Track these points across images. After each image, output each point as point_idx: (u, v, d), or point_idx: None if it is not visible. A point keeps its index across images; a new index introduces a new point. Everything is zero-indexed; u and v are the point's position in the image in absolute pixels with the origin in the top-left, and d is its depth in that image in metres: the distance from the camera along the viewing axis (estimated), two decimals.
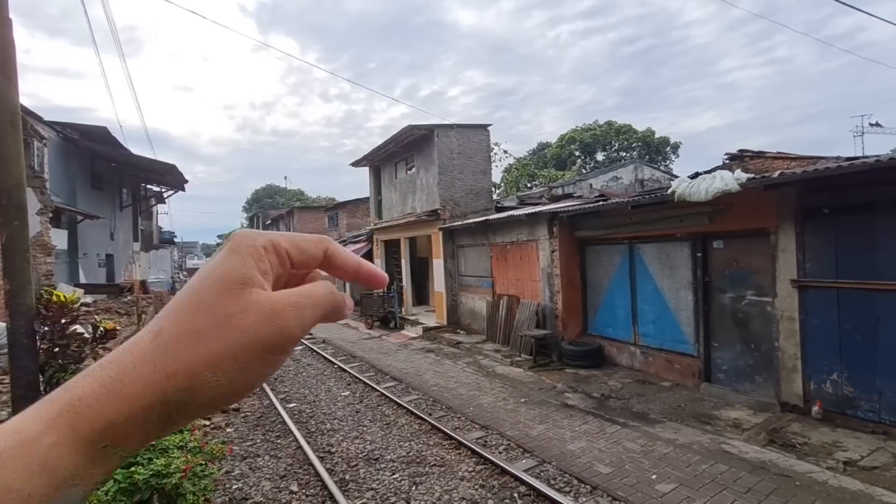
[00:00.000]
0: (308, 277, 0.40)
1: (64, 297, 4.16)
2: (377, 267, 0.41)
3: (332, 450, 5.81)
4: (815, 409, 5.89)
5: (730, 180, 6.17)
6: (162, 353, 0.32)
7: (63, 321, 4.08)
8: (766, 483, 4.50)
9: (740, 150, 9.46)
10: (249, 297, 0.34)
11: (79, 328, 4.35)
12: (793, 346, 6.19)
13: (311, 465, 5.29)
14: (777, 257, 6.36)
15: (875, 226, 5.51)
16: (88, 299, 9.28)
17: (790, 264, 6.21)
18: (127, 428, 0.31)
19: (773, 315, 6.46)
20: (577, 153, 38.45)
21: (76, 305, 4.36)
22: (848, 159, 6.68)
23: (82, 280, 12.79)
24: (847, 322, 5.75)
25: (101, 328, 4.51)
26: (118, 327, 5.82)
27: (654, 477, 4.75)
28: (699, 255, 7.48)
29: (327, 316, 0.37)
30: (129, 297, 11.39)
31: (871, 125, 25.33)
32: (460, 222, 13.27)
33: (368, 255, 19.36)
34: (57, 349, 4.05)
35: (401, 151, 15.93)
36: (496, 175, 31.21)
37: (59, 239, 11.15)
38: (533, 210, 10.92)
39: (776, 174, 5.98)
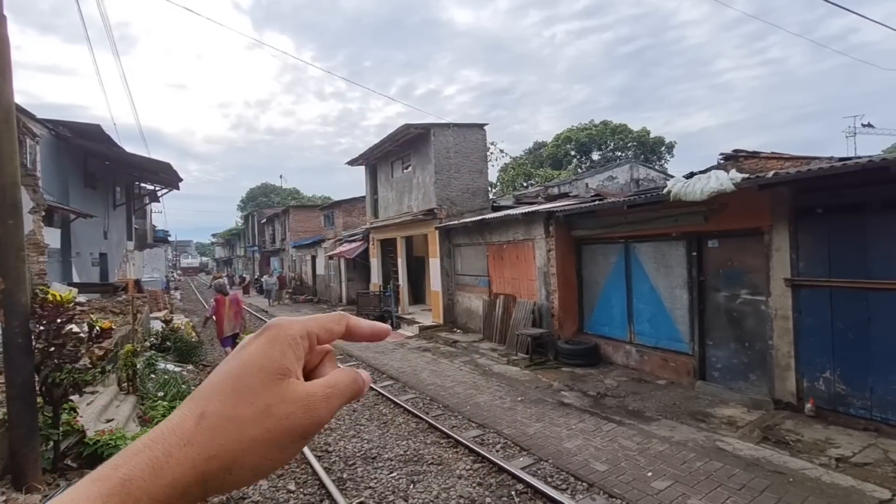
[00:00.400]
0: (326, 354, 0.44)
1: (60, 296, 4.13)
2: (383, 324, 0.47)
3: (330, 448, 5.81)
4: (809, 406, 5.96)
5: (725, 180, 6.22)
6: (206, 436, 0.35)
7: (59, 320, 4.04)
8: (760, 480, 4.56)
9: (735, 151, 9.53)
10: (287, 388, 0.37)
11: (74, 327, 4.32)
12: (786, 345, 6.26)
13: (309, 463, 5.29)
14: (771, 256, 6.42)
15: (867, 225, 5.57)
16: (82, 298, 9.21)
17: (784, 263, 6.27)
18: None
19: (767, 314, 6.52)
20: (572, 153, 38.55)
21: (72, 305, 4.33)
22: (841, 160, 6.76)
23: (76, 279, 12.68)
24: (839, 320, 5.82)
25: (97, 327, 4.48)
26: (114, 326, 5.78)
27: (649, 474, 4.79)
28: (694, 254, 7.54)
29: (351, 399, 0.41)
30: (123, 297, 11.31)
31: (864, 126, 25.61)
32: (457, 221, 13.28)
33: (364, 254, 19.33)
34: (53, 349, 4.01)
35: (397, 150, 15.92)
36: (492, 174, 31.22)
37: (52, 238, 11.04)
38: (529, 209, 10.95)
39: (770, 174, 6.04)
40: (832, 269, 5.87)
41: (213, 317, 8.88)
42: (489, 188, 17.46)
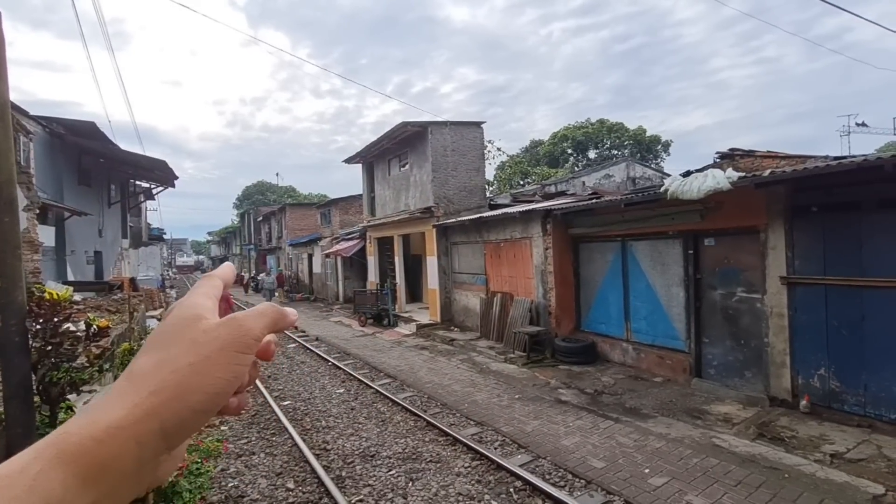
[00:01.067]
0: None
1: (56, 294, 4.10)
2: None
3: (328, 447, 5.81)
4: (804, 403, 6.01)
5: (721, 179, 6.25)
6: (140, 379, 0.37)
7: (55, 319, 4.02)
8: (756, 476, 4.60)
9: (731, 149, 9.58)
10: (207, 323, 0.41)
11: (71, 326, 4.29)
12: (782, 342, 6.31)
13: (307, 462, 5.29)
14: (767, 254, 6.47)
15: (861, 224, 5.62)
16: (78, 297, 9.15)
17: (779, 261, 6.32)
18: (115, 447, 0.34)
19: (762, 311, 6.57)
20: (569, 151, 38.61)
21: (68, 303, 4.30)
22: (836, 158, 6.80)
23: (70, 277, 12.59)
24: (834, 318, 5.87)
25: (95, 326, 4.46)
26: (110, 325, 5.75)
27: (646, 471, 4.82)
28: (691, 252, 7.58)
29: (276, 322, 0.44)
30: (119, 295, 11.25)
31: (858, 125, 25.79)
32: (454, 219, 13.28)
33: (362, 253, 19.30)
34: (50, 347, 3.99)
35: (394, 148, 15.88)
36: (489, 172, 31.22)
37: (46, 236, 10.95)
38: (527, 207, 10.96)
39: (766, 173, 6.08)
40: (827, 267, 5.92)
41: None
42: (486, 186, 17.46)
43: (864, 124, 26.14)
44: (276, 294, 24.80)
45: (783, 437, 5.42)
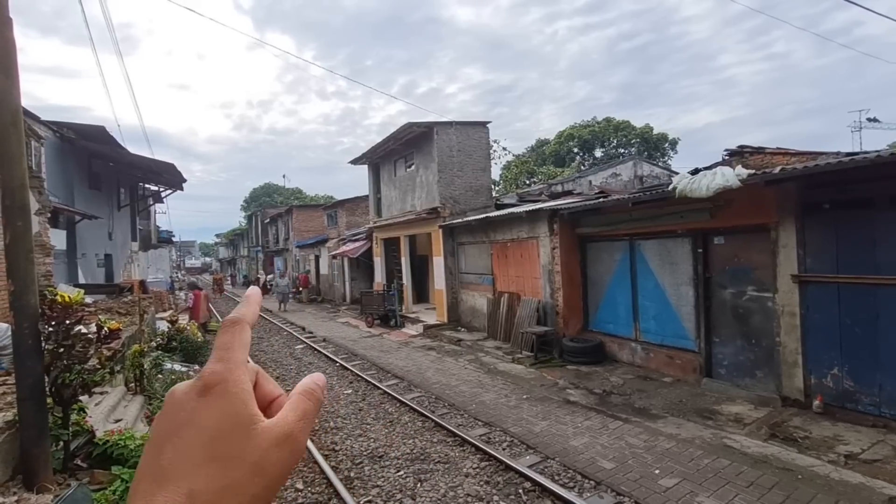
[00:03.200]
0: (257, 373, 0.44)
1: (68, 297, 4.15)
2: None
3: (337, 448, 5.83)
4: (816, 403, 5.93)
5: (731, 176, 6.18)
6: None
7: (67, 322, 4.07)
8: (769, 477, 4.54)
9: (740, 146, 9.46)
10: (265, 435, 0.37)
11: (83, 328, 4.34)
12: (793, 341, 6.23)
13: (316, 462, 5.31)
14: (778, 253, 6.39)
15: (875, 221, 5.53)
16: (89, 299, 9.26)
17: (791, 259, 6.24)
18: None
19: (773, 310, 6.49)
20: (575, 150, 38.44)
21: (80, 306, 4.35)
22: (847, 154, 6.70)
23: (81, 280, 12.74)
24: (847, 316, 5.78)
25: (106, 328, 4.50)
26: (121, 327, 5.81)
27: (657, 472, 4.78)
28: (700, 250, 7.51)
29: (317, 413, 0.42)
30: (129, 297, 11.36)
31: (869, 120, 25.41)
32: (460, 220, 13.27)
33: (368, 254, 19.35)
34: (62, 350, 4.03)
35: (400, 149, 15.91)
36: (495, 172, 31.17)
37: (57, 239, 11.10)
38: (533, 207, 10.92)
39: (777, 170, 6.00)
40: (839, 264, 5.83)
41: (192, 307, 9.89)
42: (492, 186, 17.42)
43: (875, 119, 25.78)
44: (291, 298, 23.19)
45: (796, 438, 5.34)
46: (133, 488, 0.35)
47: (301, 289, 25.49)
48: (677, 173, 7.53)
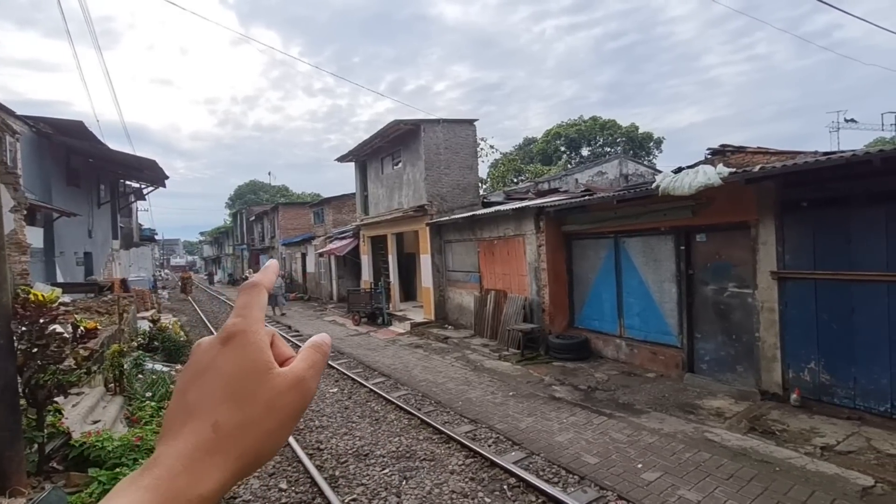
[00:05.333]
0: (273, 335, 0.47)
1: (42, 296, 4.04)
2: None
3: (322, 446, 5.78)
4: (794, 396, 6.06)
5: (712, 175, 6.28)
6: (229, 443, 0.39)
7: (42, 321, 3.96)
8: (748, 469, 4.63)
9: (722, 145, 9.62)
10: (279, 379, 0.42)
11: (58, 328, 4.23)
12: (772, 336, 6.36)
13: (300, 462, 5.27)
14: (757, 249, 6.51)
15: (851, 218, 5.67)
16: (67, 298, 9.03)
17: (770, 256, 6.36)
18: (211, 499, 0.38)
19: (753, 306, 6.62)
20: (562, 148, 38.70)
21: (55, 305, 4.24)
22: (825, 154, 6.86)
23: (60, 279, 12.42)
24: (824, 312, 5.92)
25: (82, 327, 4.40)
26: (99, 326, 5.68)
27: (639, 466, 4.84)
28: (682, 248, 7.61)
29: (324, 366, 0.46)
30: (109, 296, 11.12)
31: (847, 121, 26.05)
32: (447, 217, 13.26)
33: (355, 252, 19.23)
34: (36, 350, 3.93)
35: (387, 146, 15.82)
36: (482, 170, 31.21)
37: (34, 237, 10.79)
38: (520, 205, 10.96)
39: (756, 168, 6.11)
40: (817, 261, 5.97)
41: None
42: (479, 184, 17.44)
43: (853, 120, 26.43)
44: (287, 300, 20.22)
45: (774, 431, 5.46)
46: (164, 426, 0.40)
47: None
48: (661, 172, 7.63)
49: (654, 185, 7.11)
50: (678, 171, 7.16)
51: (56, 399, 4.26)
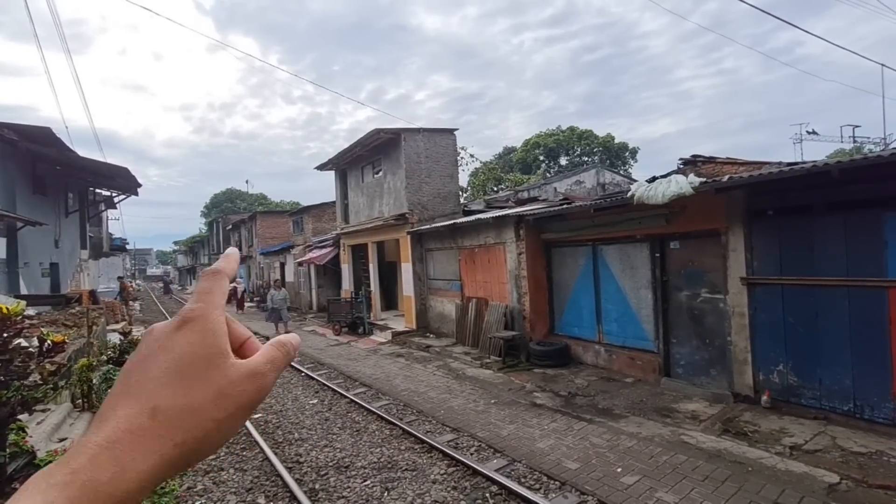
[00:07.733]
0: (247, 339, 0.46)
1: (6, 308, 3.88)
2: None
3: (301, 459, 5.67)
4: (765, 398, 6.27)
5: (684, 184, 6.50)
6: (166, 428, 0.36)
7: (5, 335, 3.79)
8: (722, 470, 4.76)
9: (693, 156, 9.96)
10: (232, 368, 0.40)
11: (23, 342, 4.06)
12: (743, 340, 6.57)
13: (279, 476, 5.15)
14: (728, 256, 6.75)
15: (813, 226, 5.95)
16: (32, 311, 8.66)
17: (740, 263, 6.60)
18: (140, 492, 0.34)
19: (725, 311, 6.83)
20: (541, 158, 39.34)
21: (19, 318, 4.07)
22: (789, 164, 7.18)
23: (24, 291, 11.90)
24: (791, 316, 6.17)
25: (49, 341, 4.23)
26: (67, 340, 5.47)
27: (619, 470, 4.92)
28: (657, 255, 7.82)
29: (286, 366, 0.44)
30: (77, 308, 10.71)
31: (809, 133, 27.29)
32: (428, 226, 13.29)
33: (335, 260, 19.04)
34: None
35: (367, 155, 15.80)
36: (463, 179, 31.37)
37: None
38: (500, 213, 11.09)
39: (725, 178, 6.36)
40: (783, 267, 6.23)
41: None
42: (460, 193, 17.56)
43: (814, 132, 27.70)
44: (290, 318, 16.50)
45: (746, 432, 5.63)
46: (99, 410, 0.37)
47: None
48: (637, 181, 7.85)
49: (629, 195, 7.30)
50: (652, 180, 7.38)
51: (20, 416, 4.07)
